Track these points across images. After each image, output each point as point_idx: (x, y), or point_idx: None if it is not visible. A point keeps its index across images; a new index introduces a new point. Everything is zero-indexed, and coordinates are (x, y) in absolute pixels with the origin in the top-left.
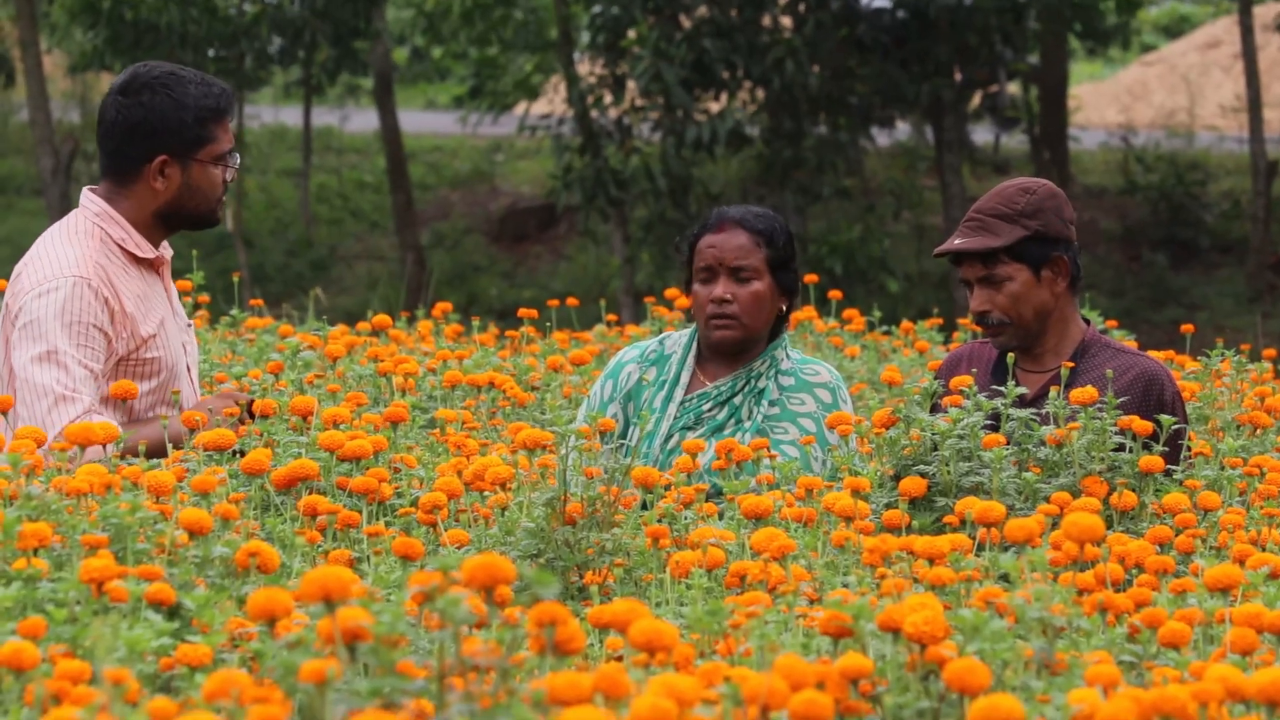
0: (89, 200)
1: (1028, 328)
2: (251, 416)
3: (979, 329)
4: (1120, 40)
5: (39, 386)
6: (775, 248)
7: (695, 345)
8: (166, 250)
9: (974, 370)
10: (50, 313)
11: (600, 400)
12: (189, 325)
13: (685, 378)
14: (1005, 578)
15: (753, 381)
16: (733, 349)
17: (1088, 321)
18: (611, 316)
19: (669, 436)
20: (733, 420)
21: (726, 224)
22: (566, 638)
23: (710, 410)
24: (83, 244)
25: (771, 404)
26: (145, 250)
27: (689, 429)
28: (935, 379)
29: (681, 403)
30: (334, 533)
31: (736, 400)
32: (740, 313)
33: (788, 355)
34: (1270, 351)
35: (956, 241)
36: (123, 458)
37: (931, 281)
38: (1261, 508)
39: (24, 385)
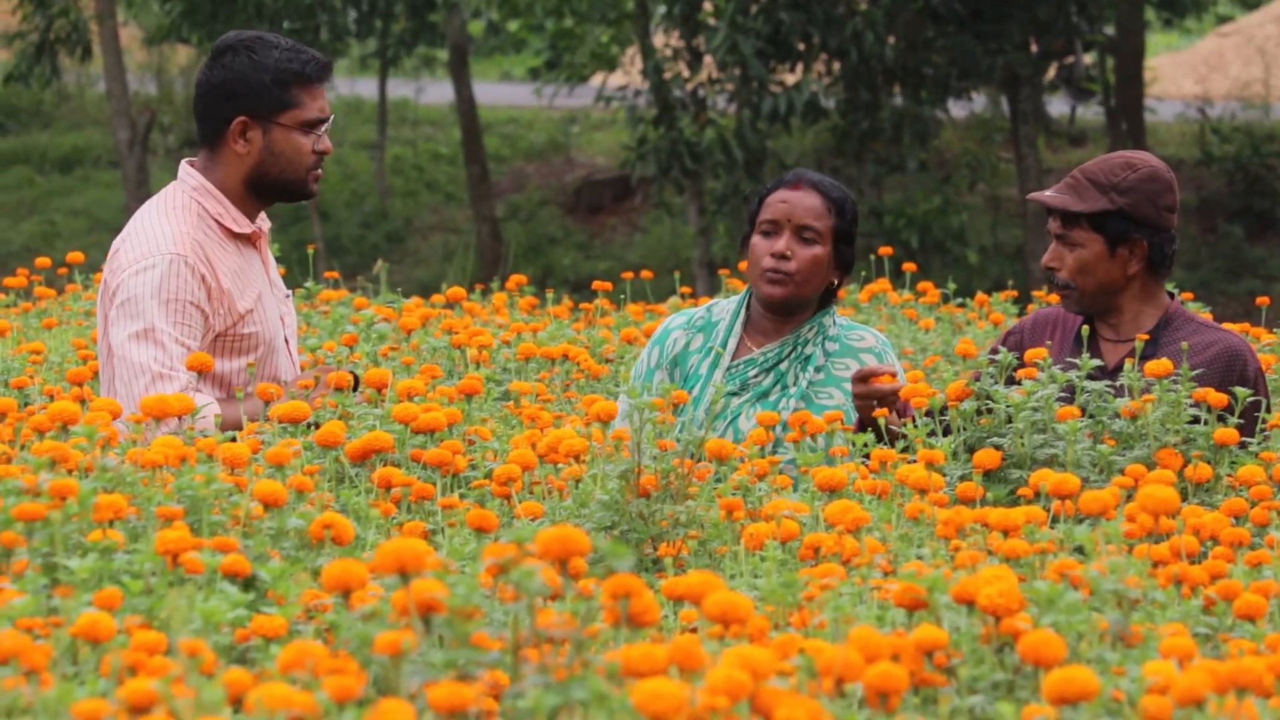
0: (186, 174)
1: (1091, 296)
2: (356, 389)
3: (1047, 284)
4: (1195, 11)
5: (136, 364)
6: (843, 219)
7: (743, 312)
8: (264, 222)
9: (1049, 343)
10: (147, 290)
11: (647, 366)
12: (287, 296)
13: (732, 344)
14: (1080, 550)
15: (800, 348)
16: (780, 308)
17: (1172, 295)
18: (686, 289)
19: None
20: (778, 386)
21: (803, 184)
22: (641, 610)
23: (756, 376)
24: (180, 219)
25: (817, 370)
26: (242, 225)
27: (734, 394)
28: (1014, 332)
29: (728, 369)
30: (408, 505)
31: (783, 366)
32: (796, 271)
33: (835, 322)
34: None
35: (1047, 193)
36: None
37: (1007, 253)
38: None
39: (121, 363)
